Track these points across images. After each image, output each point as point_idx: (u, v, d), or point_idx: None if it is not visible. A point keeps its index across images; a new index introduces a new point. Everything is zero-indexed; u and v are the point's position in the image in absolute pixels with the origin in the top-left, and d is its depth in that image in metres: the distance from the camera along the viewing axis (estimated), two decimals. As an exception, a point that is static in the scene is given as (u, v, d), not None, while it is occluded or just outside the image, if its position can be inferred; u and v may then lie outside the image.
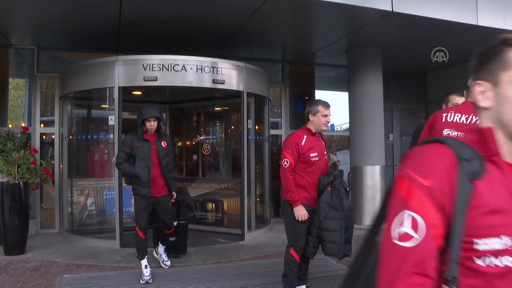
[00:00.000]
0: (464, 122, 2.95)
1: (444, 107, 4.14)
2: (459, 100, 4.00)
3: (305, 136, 4.09)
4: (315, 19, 6.93)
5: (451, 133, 2.97)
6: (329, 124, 4.35)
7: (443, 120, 3.02)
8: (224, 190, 7.98)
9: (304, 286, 4.34)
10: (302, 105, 9.99)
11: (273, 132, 8.65)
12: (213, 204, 7.95)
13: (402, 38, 7.65)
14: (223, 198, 7.91)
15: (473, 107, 2.91)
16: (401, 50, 8.50)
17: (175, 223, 5.45)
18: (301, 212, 3.97)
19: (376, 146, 8.05)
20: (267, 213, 8.04)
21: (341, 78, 9.73)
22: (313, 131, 4.13)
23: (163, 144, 5.01)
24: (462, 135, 2.87)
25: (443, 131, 3.00)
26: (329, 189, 3.96)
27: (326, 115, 4.07)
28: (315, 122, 4.09)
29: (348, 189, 4.10)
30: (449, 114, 3.03)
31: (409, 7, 6.31)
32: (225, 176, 8.37)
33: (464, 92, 3.11)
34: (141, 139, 4.87)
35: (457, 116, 2.99)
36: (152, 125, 4.86)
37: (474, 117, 2.94)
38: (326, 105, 4.12)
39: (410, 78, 10.76)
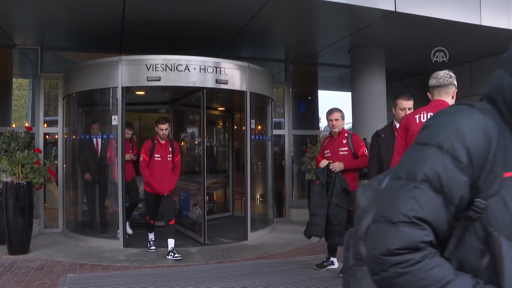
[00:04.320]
0: None
1: (393, 111, 4.23)
2: (406, 104, 4.19)
3: (328, 138, 5.21)
4: (318, 19, 6.93)
5: None
6: (342, 124, 5.12)
7: (417, 122, 3.06)
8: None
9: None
10: (305, 105, 10.00)
11: (276, 132, 8.65)
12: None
13: (405, 38, 7.65)
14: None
15: (442, 105, 2.98)
16: (404, 50, 8.50)
17: None
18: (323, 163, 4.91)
19: (379, 146, 8.03)
20: (270, 213, 8.04)
21: (344, 78, 9.73)
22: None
23: None
24: None
25: None
26: (317, 182, 4.87)
27: (331, 120, 5.02)
28: None
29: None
30: (421, 115, 3.09)
31: (412, 7, 6.31)
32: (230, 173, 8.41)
33: (434, 91, 3.18)
34: None
35: (430, 115, 3.01)
36: None
37: None
38: (328, 112, 5.08)
39: (413, 78, 10.75)
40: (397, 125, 4.11)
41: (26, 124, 7.63)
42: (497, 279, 0.89)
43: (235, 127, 9.57)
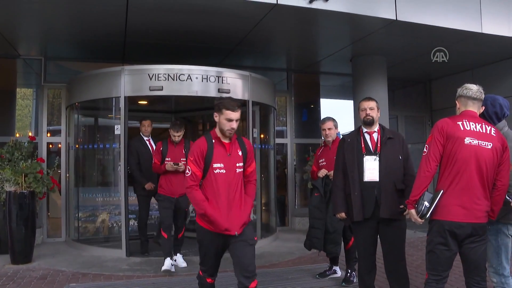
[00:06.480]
0: (480, 130, 3.08)
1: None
2: (365, 104, 4.28)
3: (322, 147, 5.21)
4: (320, 28, 6.97)
5: (473, 141, 3.04)
6: (336, 133, 5.11)
7: (462, 129, 3.08)
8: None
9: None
10: (308, 113, 10.01)
11: (278, 140, 8.66)
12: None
13: (406, 46, 7.67)
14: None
15: (477, 117, 3.06)
16: (406, 58, 8.52)
17: None
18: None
19: (381, 154, 8.01)
20: (272, 222, 8.02)
21: (346, 87, 9.76)
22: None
23: None
24: (482, 143, 3.04)
25: (465, 139, 3.06)
26: (316, 194, 4.96)
27: (324, 129, 5.06)
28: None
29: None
30: (464, 122, 3.10)
31: (413, 15, 6.35)
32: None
33: (457, 102, 3.28)
34: None
35: (472, 124, 3.09)
36: None
37: (486, 125, 3.10)
38: (321, 122, 5.17)
39: (415, 86, 10.76)
40: (364, 129, 4.10)
41: (30, 134, 7.68)
42: None
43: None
